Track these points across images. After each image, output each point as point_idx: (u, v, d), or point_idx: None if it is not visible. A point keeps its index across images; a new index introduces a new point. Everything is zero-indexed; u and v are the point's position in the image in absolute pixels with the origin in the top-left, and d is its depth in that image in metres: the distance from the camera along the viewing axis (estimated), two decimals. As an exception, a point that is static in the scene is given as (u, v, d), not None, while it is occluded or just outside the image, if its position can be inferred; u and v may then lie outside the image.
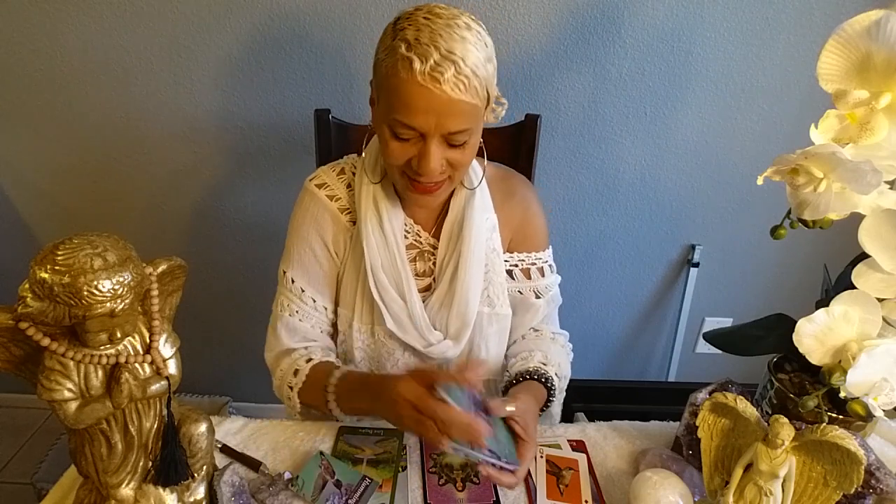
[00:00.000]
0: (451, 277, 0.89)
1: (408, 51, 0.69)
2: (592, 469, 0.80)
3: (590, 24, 1.32)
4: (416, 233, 0.91)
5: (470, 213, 0.89)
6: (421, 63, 0.68)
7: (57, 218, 1.57)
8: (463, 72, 0.70)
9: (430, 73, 0.69)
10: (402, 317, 0.89)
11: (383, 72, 0.73)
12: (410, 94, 0.70)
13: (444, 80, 0.69)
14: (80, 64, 1.35)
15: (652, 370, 1.85)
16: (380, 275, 0.87)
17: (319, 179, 0.92)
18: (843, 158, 0.56)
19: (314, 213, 0.91)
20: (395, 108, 0.73)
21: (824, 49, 0.58)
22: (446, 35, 0.69)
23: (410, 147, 0.76)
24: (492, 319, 0.94)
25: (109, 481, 0.60)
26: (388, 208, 0.87)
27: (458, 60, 0.69)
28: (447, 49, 0.69)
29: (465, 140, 0.76)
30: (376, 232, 0.87)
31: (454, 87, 0.70)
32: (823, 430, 0.54)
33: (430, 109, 0.71)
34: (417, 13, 0.72)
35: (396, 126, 0.74)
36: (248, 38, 1.32)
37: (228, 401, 1.81)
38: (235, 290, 1.68)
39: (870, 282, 0.64)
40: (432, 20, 0.70)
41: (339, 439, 0.83)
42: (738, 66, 1.37)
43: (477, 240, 0.89)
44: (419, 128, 0.73)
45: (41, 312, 0.49)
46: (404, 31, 0.70)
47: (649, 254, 1.64)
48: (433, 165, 0.75)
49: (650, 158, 1.49)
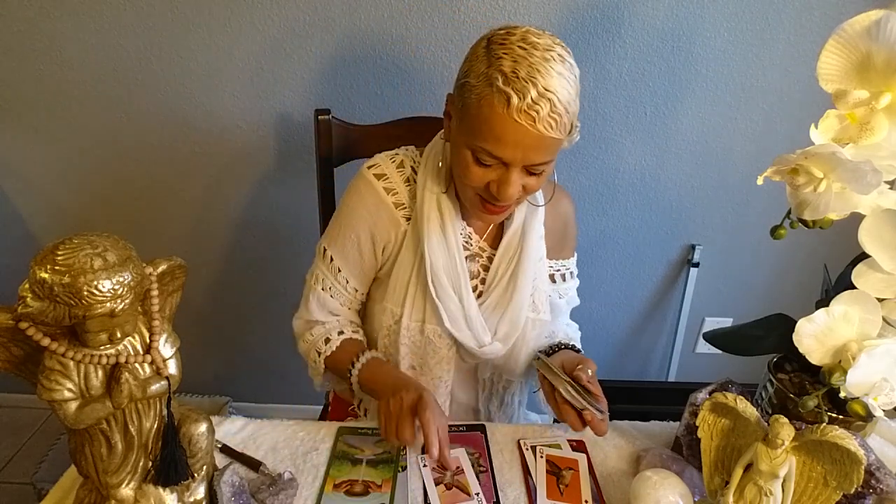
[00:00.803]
0: (507, 284, 0.92)
1: (505, 85, 0.69)
2: (592, 469, 0.81)
3: (590, 24, 1.32)
4: (468, 235, 0.93)
5: (530, 228, 0.92)
6: (519, 100, 0.68)
7: (57, 218, 1.57)
8: (557, 110, 0.70)
9: (526, 111, 0.69)
10: (458, 317, 0.91)
11: (474, 99, 0.72)
12: (503, 128, 0.71)
13: (540, 118, 0.69)
14: (80, 64, 1.35)
15: (652, 370, 1.85)
16: (440, 276, 0.89)
17: (379, 169, 0.91)
18: (843, 158, 0.56)
19: (368, 204, 0.91)
20: (484, 138, 0.73)
21: (824, 49, 0.58)
22: (544, 71, 0.69)
23: (490, 172, 0.77)
24: (535, 324, 0.97)
25: (109, 481, 0.60)
26: (450, 214, 0.89)
27: (554, 99, 0.69)
28: (544, 86, 0.68)
29: (544, 169, 0.78)
30: (438, 235, 0.88)
31: (548, 126, 0.70)
32: (823, 430, 0.54)
33: (519, 144, 0.72)
34: (511, 39, 0.71)
35: (481, 153, 0.75)
36: (248, 38, 1.32)
37: (228, 401, 1.81)
38: (235, 290, 1.68)
39: (870, 282, 0.64)
40: (529, 51, 0.69)
41: (338, 440, 0.83)
42: (738, 66, 1.37)
43: (534, 253, 0.93)
44: (505, 158, 0.74)
45: (41, 312, 0.49)
46: (500, 61, 0.70)
47: (649, 254, 1.64)
48: (512, 192, 0.77)
49: (650, 158, 1.49)
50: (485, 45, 0.73)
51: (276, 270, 1.63)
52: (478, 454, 0.82)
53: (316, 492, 0.75)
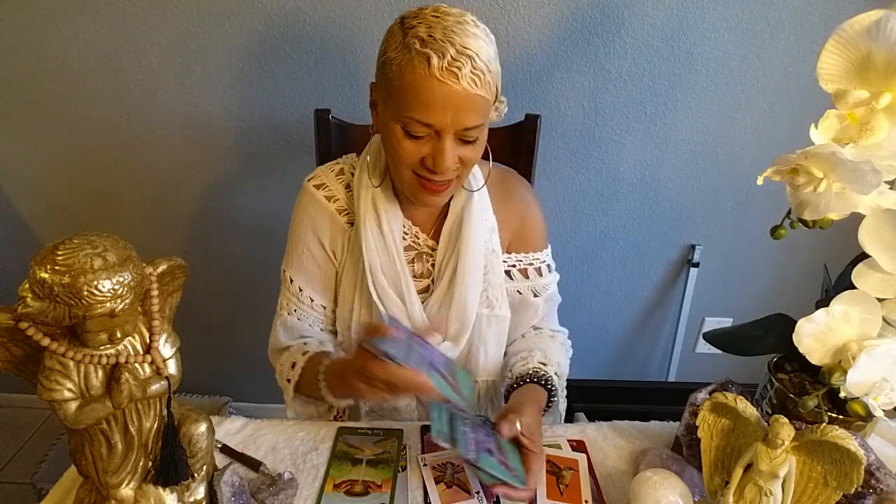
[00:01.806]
0: (449, 279, 0.89)
1: (423, 47, 0.69)
2: (592, 469, 0.80)
3: (590, 24, 1.32)
4: (415, 234, 0.91)
5: (469, 214, 0.89)
6: (438, 58, 0.68)
7: (57, 218, 1.57)
8: (479, 67, 0.70)
9: (447, 69, 0.69)
10: (401, 318, 0.89)
11: (394, 70, 0.72)
12: (428, 89, 0.70)
13: (462, 74, 0.69)
14: (80, 64, 1.35)
15: (652, 370, 1.85)
16: (379, 276, 0.87)
17: (318, 180, 0.92)
18: (843, 158, 0.56)
19: (311, 213, 0.91)
20: (411, 106, 0.72)
21: (824, 49, 0.58)
22: (459, 31, 0.69)
23: (423, 146, 0.76)
24: (490, 321, 0.94)
25: (109, 481, 0.60)
26: (387, 210, 0.87)
27: (474, 56, 0.69)
28: (462, 45, 0.69)
29: (477, 136, 0.76)
30: (375, 233, 0.87)
31: (471, 82, 0.70)
32: (823, 430, 0.54)
33: (447, 105, 0.71)
34: (424, 11, 0.72)
35: (411, 124, 0.74)
36: (248, 38, 1.32)
37: (228, 401, 1.81)
38: (235, 291, 1.68)
39: (870, 282, 0.64)
40: (442, 17, 0.71)
41: (338, 440, 0.83)
42: (738, 66, 1.37)
43: (476, 241, 0.89)
44: (436, 124, 0.73)
45: (41, 312, 0.49)
46: (415, 29, 0.70)
47: (649, 254, 1.64)
48: (448, 162, 0.75)
49: (650, 158, 1.49)
50: (399, 23, 0.74)
51: (275, 270, 1.61)
52: (478, 454, 0.81)
53: (316, 492, 0.75)
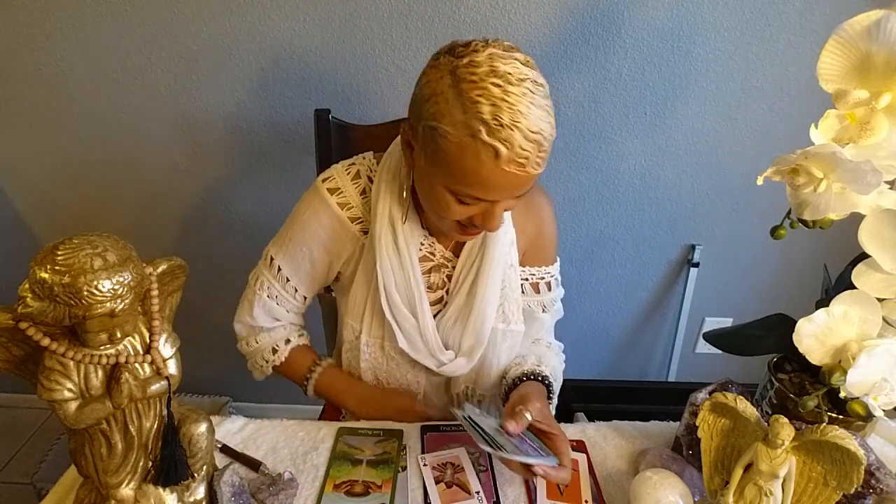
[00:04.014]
0: (468, 293, 0.87)
1: (490, 136, 0.63)
2: (592, 469, 0.80)
3: (590, 24, 1.32)
4: (431, 244, 0.88)
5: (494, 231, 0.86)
6: (507, 150, 0.64)
7: (57, 218, 1.57)
8: (544, 148, 0.67)
9: (516, 160, 0.65)
10: (414, 336, 0.87)
11: (453, 147, 0.66)
12: (492, 177, 0.67)
13: (530, 163, 0.66)
14: (80, 64, 1.35)
15: (652, 370, 1.85)
16: (392, 294, 0.85)
17: (333, 183, 0.87)
18: (843, 158, 0.56)
19: (321, 219, 0.87)
20: (469, 184, 0.68)
21: (824, 49, 0.58)
22: (525, 111, 0.64)
23: (473, 208, 0.73)
24: (506, 336, 0.92)
25: (109, 481, 0.60)
26: (405, 224, 0.83)
27: (541, 139, 0.65)
28: (528, 129, 0.64)
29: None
30: (390, 249, 0.84)
31: (536, 166, 0.67)
32: (823, 430, 0.54)
33: (508, 186, 0.69)
34: (479, 72, 0.64)
35: (465, 197, 0.71)
36: (248, 38, 1.32)
37: (228, 401, 1.81)
38: (236, 291, 1.67)
39: (870, 282, 0.64)
40: (505, 89, 0.63)
41: (338, 440, 0.83)
42: (738, 66, 1.37)
43: (498, 255, 0.86)
44: (493, 199, 0.71)
45: (41, 312, 0.49)
46: (478, 107, 0.63)
47: (649, 254, 1.64)
48: (498, 224, 0.74)
49: (650, 158, 1.49)
50: (451, 84, 0.65)
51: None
52: (478, 453, 0.81)
53: (316, 492, 0.75)
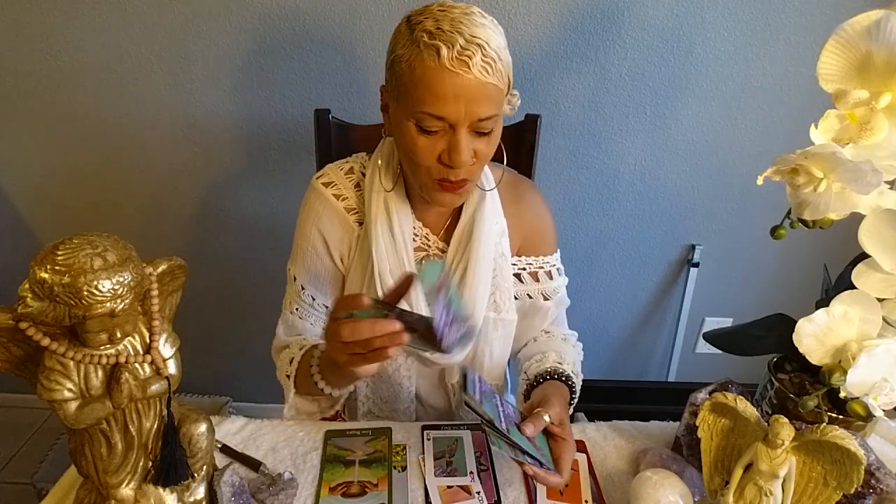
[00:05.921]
0: (458, 282, 0.89)
1: (431, 39, 0.69)
2: (592, 469, 0.81)
3: (590, 24, 1.32)
4: (425, 236, 0.91)
5: (481, 217, 0.88)
6: (448, 49, 0.68)
7: (57, 218, 1.57)
8: (489, 54, 0.69)
9: (458, 58, 0.68)
10: None
11: (404, 67, 0.72)
12: (440, 81, 0.69)
13: (473, 63, 0.68)
14: (80, 64, 1.35)
15: (652, 370, 1.85)
16: (387, 279, 0.87)
17: (327, 178, 0.91)
18: (843, 158, 0.56)
19: (319, 211, 0.90)
20: (423, 100, 0.71)
21: (824, 49, 0.58)
22: (467, 21, 0.69)
23: (438, 141, 0.75)
24: (497, 325, 0.94)
25: (109, 481, 0.60)
26: (398, 212, 0.86)
27: (484, 44, 0.69)
28: (471, 34, 0.69)
29: (492, 128, 0.75)
30: (386, 237, 0.86)
31: (482, 70, 0.69)
32: (823, 430, 0.54)
33: (460, 95, 0.70)
34: (430, 8, 0.72)
35: (424, 119, 0.73)
36: (248, 38, 1.32)
37: (228, 401, 1.81)
38: (235, 291, 1.68)
39: (870, 282, 0.64)
40: (448, 10, 0.71)
41: (327, 443, 0.83)
42: (738, 66, 1.37)
43: (487, 244, 0.88)
44: (449, 116, 0.72)
45: (41, 312, 0.49)
46: (422, 24, 0.70)
47: (649, 254, 1.64)
48: (465, 156, 0.74)
49: (650, 158, 1.49)
50: (405, 21, 0.74)
51: (275, 270, 1.61)
52: (479, 453, 0.82)
53: (315, 493, 0.75)
